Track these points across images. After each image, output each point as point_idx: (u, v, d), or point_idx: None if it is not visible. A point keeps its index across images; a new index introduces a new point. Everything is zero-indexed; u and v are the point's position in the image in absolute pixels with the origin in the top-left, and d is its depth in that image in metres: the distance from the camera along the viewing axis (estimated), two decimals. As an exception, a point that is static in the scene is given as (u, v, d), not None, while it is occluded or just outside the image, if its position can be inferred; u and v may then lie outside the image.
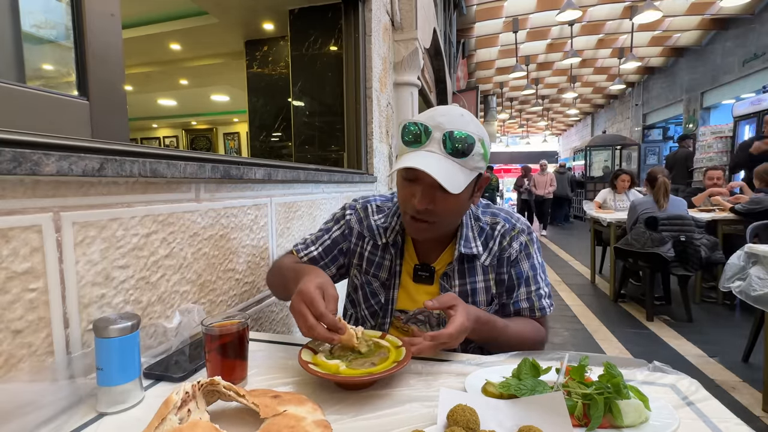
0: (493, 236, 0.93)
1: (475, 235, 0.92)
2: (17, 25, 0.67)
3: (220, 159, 0.93)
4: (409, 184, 0.82)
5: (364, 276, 0.98)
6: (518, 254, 0.92)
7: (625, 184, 4.71)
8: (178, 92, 5.86)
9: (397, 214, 0.96)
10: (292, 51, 2.29)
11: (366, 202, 1.02)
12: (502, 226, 0.93)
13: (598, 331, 3.16)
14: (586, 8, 7.47)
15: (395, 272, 0.95)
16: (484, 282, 0.92)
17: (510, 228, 0.93)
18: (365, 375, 0.62)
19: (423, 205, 0.80)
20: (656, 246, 3.15)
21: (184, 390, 0.52)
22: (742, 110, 6.75)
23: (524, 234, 0.93)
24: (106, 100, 0.76)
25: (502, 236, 0.93)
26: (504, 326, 0.84)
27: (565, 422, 0.51)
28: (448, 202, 0.81)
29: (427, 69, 4.85)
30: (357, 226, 0.99)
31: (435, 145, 0.78)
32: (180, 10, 3.23)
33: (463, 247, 0.90)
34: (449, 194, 0.78)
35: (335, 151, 2.24)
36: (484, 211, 0.97)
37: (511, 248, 0.92)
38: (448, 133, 0.77)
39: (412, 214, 0.84)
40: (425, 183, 0.79)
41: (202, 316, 0.79)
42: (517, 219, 0.96)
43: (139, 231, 0.74)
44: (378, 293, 0.96)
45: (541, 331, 0.92)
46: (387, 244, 0.95)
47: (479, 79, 11.45)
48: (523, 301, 0.92)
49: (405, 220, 0.88)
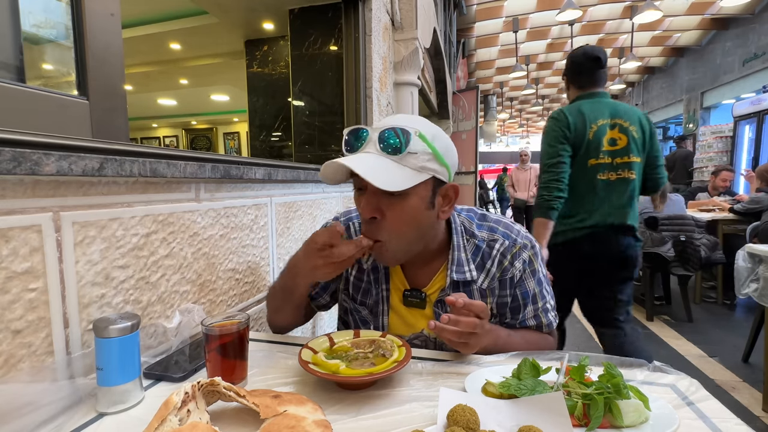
0: (491, 255, 0.84)
1: (469, 258, 0.83)
2: (17, 25, 0.67)
3: (220, 159, 0.93)
4: (359, 196, 0.77)
5: (352, 302, 0.92)
6: (522, 273, 0.84)
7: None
8: (178, 92, 5.86)
9: None
10: (292, 51, 2.29)
11: (348, 219, 0.95)
12: (501, 244, 0.84)
13: (598, 331, 3.16)
14: (586, 8, 7.46)
15: (382, 298, 0.87)
16: None
17: (510, 245, 0.84)
18: (365, 375, 0.62)
19: (368, 212, 0.73)
20: (656, 246, 3.15)
21: (184, 391, 0.52)
22: (742, 110, 6.76)
23: (527, 250, 0.85)
24: (106, 100, 0.76)
25: (502, 255, 0.84)
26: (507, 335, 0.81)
27: (565, 422, 0.51)
28: (395, 209, 0.73)
29: (427, 69, 4.85)
30: None
31: (371, 145, 0.72)
32: (180, 9, 3.23)
33: (456, 273, 0.82)
34: (396, 201, 0.72)
35: (335, 151, 2.24)
36: (479, 225, 0.87)
37: (514, 268, 0.83)
38: (382, 131, 0.71)
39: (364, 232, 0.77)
40: (369, 190, 0.73)
41: (202, 316, 0.79)
42: (518, 233, 0.86)
43: (139, 231, 0.74)
44: (368, 321, 0.90)
45: (548, 340, 0.88)
46: (369, 269, 0.88)
47: (479, 79, 11.45)
48: (530, 319, 0.86)
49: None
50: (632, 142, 1.70)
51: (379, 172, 0.68)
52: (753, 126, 6.51)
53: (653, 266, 3.28)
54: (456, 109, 6.30)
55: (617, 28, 8.52)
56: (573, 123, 1.70)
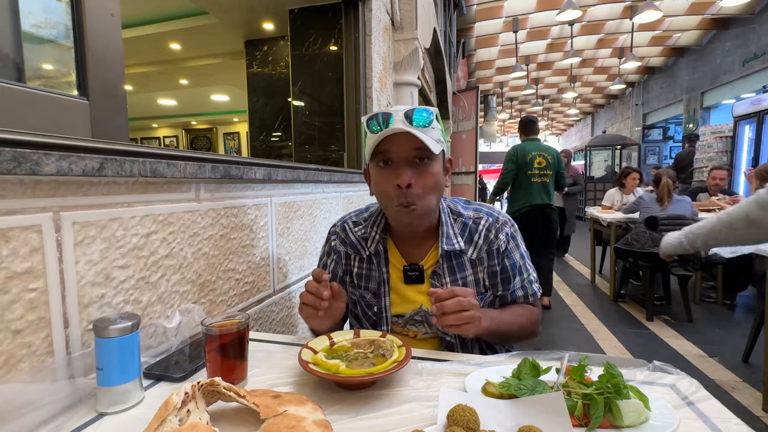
0: (478, 230, 0.95)
1: (456, 232, 0.95)
2: (17, 25, 0.67)
3: (220, 159, 0.93)
4: (386, 170, 0.86)
5: (357, 290, 1.00)
6: (507, 245, 0.95)
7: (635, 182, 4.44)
8: (178, 92, 5.86)
9: (375, 223, 0.98)
10: (292, 51, 2.29)
11: (343, 222, 1.06)
12: (485, 221, 0.96)
13: (598, 331, 3.16)
14: (586, 8, 7.47)
15: (383, 280, 0.96)
16: (473, 275, 0.94)
17: (494, 221, 0.97)
18: (365, 375, 0.62)
19: (406, 180, 0.82)
20: (656, 246, 3.14)
21: (184, 391, 0.52)
22: (742, 110, 6.74)
23: (508, 225, 0.97)
24: (106, 100, 0.76)
25: (488, 230, 0.95)
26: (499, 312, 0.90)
27: (565, 422, 0.51)
28: (427, 176, 0.85)
29: (427, 69, 4.85)
30: (342, 248, 1.02)
31: (399, 123, 0.82)
32: (180, 9, 3.23)
33: (446, 244, 0.92)
34: (424, 169, 0.84)
35: (335, 151, 2.24)
36: (465, 206, 1.00)
37: (499, 240, 0.95)
38: (407, 111, 0.83)
39: (398, 201, 0.85)
40: (402, 159, 0.84)
41: (202, 316, 0.79)
42: (499, 212, 1.00)
43: (139, 231, 0.74)
44: (372, 304, 0.98)
45: (534, 311, 0.98)
46: (371, 255, 0.97)
47: (479, 79, 11.45)
48: (519, 290, 0.96)
49: (392, 213, 0.89)
50: (548, 164, 3.57)
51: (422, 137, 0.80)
52: (753, 126, 6.50)
53: (653, 266, 3.28)
54: (456, 109, 6.30)
55: (617, 28, 8.52)
56: (518, 154, 3.60)
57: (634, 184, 4.48)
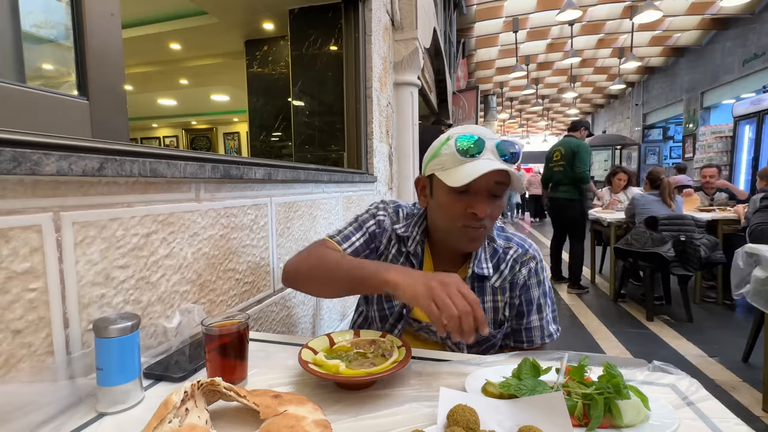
0: (506, 260, 0.95)
1: (487, 257, 0.94)
2: (17, 25, 0.67)
3: (220, 159, 0.93)
4: (462, 197, 0.84)
5: None
6: (527, 280, 0.94)
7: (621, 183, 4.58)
8: (178, 92, 5.86)
9: (418, 223, 0.97)
10: (292, 51, 2.29)
11: (397, 206, 1.03)
12: (514, 251, 0.95)
13: (598, 331, 3.16)
14: (586, 8, 7.47)
15: None
16: (492, 302, 0.94)
17: (522, 253, 0.95)
18: (365, 375, 0.62)
19: (485, 211, 0.82)
20: (656, 246, 3.15)
21: (183, 391, 0.52)
22: (742, 110, 6.75)
23: (534, 261, 0.96)
24: (106, 100, 0.76)
25: (515, 261, 0.95)
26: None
27: (565, 422, 0.51)
28: (497, 207, 0.86)
29: (427, 69, 4.85)
30: (389, 228, 1.00)
31: (489, 153, 0.82)
32: (180, 10, 3.23)
33: (476, 267, 0.92)
34: (498, 202, 0.85)
35: (335, 151, 2.24)
36: (498, 234, 0.98)
37: (521, 273, 0.94)
38: (499, 141, 0.82)
39: (466, 223, 0.85)
40: (482, 190, 0.82)
41: (202, 316, 0.79)
42: (530, 245, 0.98)
43: (139, 231, 0.74)
44: (393, 299, 0.95)
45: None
46: (409, 253, 0.96)
47: (479, 79, 11.45)
48: (536, 328, 0.95)
49: (455, 232, 0.87)
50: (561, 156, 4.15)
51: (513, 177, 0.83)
52: (753, 126, 6.50)
53: (653, 266, 3.28)
54: (456, 109, 6.30)
55: (617, 28, 8.52)
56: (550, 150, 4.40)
57: (620, 185, 4.64)
